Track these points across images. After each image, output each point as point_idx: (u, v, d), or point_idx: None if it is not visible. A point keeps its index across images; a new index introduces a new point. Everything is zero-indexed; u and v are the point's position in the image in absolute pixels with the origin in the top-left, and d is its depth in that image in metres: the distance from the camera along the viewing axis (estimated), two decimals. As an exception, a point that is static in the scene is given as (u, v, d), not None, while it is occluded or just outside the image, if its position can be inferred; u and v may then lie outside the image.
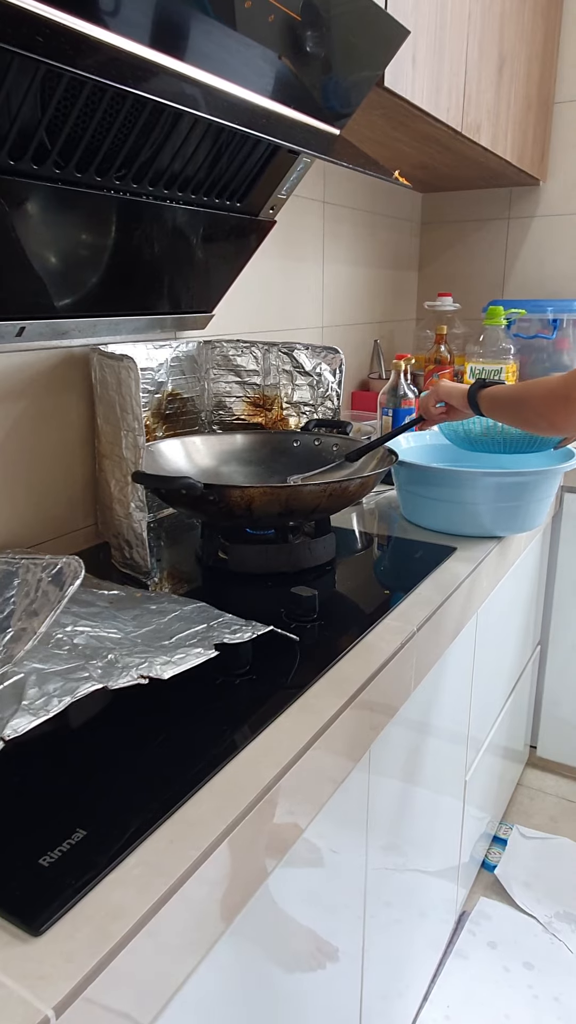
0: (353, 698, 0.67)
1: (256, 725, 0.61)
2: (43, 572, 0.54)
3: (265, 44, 0.79)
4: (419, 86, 1.17)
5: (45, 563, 0.54)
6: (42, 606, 0.51)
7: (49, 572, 0.53)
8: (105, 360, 0.95)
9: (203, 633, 0.66)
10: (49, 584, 0.52)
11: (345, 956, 0.84)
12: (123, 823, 0.50)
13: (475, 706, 1.23)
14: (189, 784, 0.53)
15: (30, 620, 0.51)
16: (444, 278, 2.15)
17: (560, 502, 1.58)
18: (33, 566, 0.54)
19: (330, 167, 1.61)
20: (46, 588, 0.52)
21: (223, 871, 0.50)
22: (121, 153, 0.82)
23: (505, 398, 0.95)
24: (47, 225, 0.82)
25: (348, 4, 0.86)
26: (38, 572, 0.54)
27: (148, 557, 0.93)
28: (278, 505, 0.86)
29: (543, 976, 1.26)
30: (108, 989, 0.40)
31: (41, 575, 0.53)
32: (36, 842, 0.47)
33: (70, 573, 0.52)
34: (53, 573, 0.53)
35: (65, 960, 0.40)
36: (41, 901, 0.43)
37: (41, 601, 0.52)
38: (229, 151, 0.96)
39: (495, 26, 1.43)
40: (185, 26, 0.69)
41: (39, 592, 0.52)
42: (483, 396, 0.97)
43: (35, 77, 0.66)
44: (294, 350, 1.23)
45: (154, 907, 0.44)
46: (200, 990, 0.56)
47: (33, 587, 0.53)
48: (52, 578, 0.53)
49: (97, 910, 0.43)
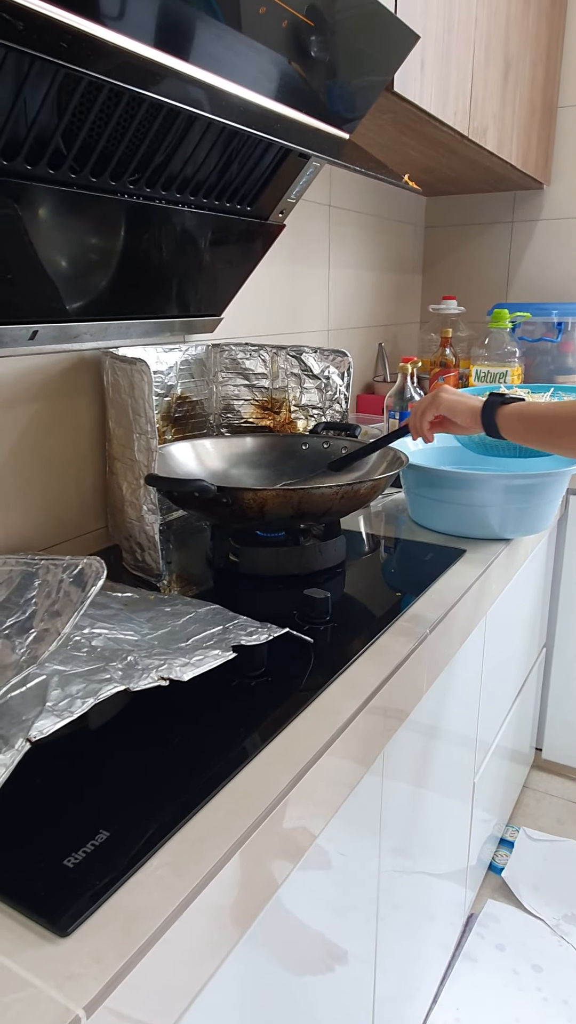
0: (368, 700, 0.67)
1: (272, 728, 0.61)
2: (64, 573, 0.54)
3: (277, 49, 0.80)
4: (427, 91, 1.18)
5: (65, 564, 0.55)
6: (64, 607, 0.51)
7: (70, 573, 0.53)
8: (117, 363, 0.95)
9: (219, 635, 0.66)
10: (71, 585, 0.53)
11: (357, 960, 0.84)
12: (144, 825, 0.50)
13: (483, 709, 1.23)
14: (208, 787, 0.54)
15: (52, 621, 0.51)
16: (448, 281, 2.15)
17: (566, 505, 1.58)
18: (53, 567, 0.55)
19: (336, 171, 1.61)
20: (68, 589, 0.52)
21: (243, 873, 0.50)
22: (135, 158, 0.83)
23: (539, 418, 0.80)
24: (60, 229, 0.82)
25: (359, 8, 0.87)
26: (59, 573, 0.54)
27: (160, 560, 0.93)
28: (290, 508, 0.86)
29: (552, 978, 1.26)
30: (136, 988, 0.41)
31: (62, 576, 0.54)
32: (60, 843, 0.48)
33: (91, 574, 0.52)
34: (74, 574, 0.53)
35: (94, 960, 0.40)
36: (67, 902, 0.43)
37: (63, 602, 0.52)
38: (240, 155, 0.96)
39: (500, 31, 1.43)
40: (199, 31, 0.70)
41: (61, 593, 0.53)
42: (507, 415, 0.83)
43: (53, 83, 0.67)
44: (302, 353, 1.24)
45: (178, 909, 0.44)
46: (216, 997, 0.56)
47: (54, 588, 0.53)
48: (73, 579, 0.53)
49: (122, 911, 0.43)
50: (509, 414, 0.83)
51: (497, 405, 0.84)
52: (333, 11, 0.83)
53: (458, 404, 0.87)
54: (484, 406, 0.85)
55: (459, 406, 0.87)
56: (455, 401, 0.88)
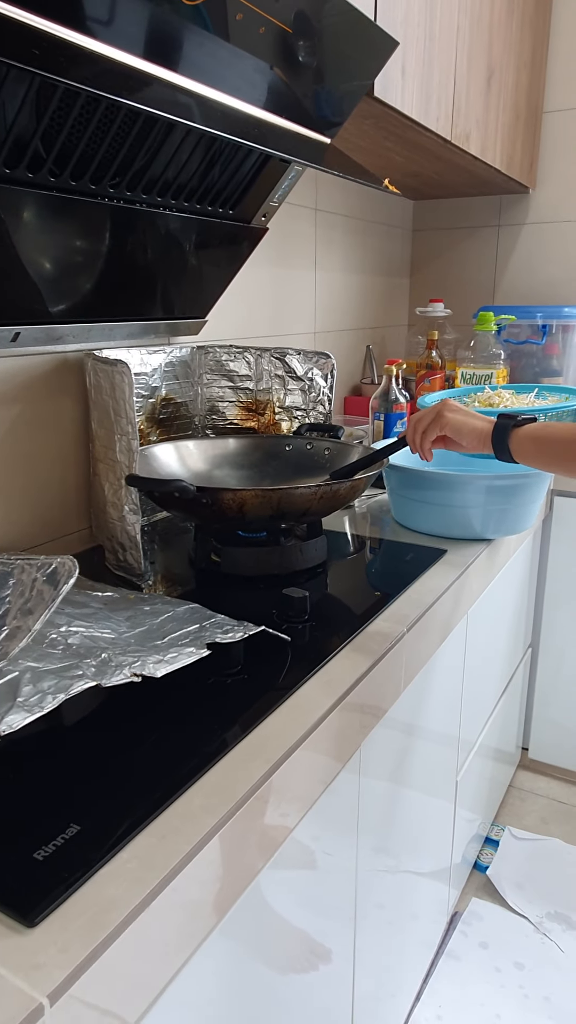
0: (343, 697, 0.68)
1: (247, 724, 0.62)
2: (38, 572, 0.55)
3: (256, 55, 0.81)
4: (409, 96, 1.19)
5: (40, 563, 0.55)
6: (36, 605, 0.52)
7: (44, 572, 0.54)
8: (99, 365, 0.96)
9: (195, 633, 0.67)
10: (44, 584, 0.53)
11: (337, 957, 0.85)
12: (116, 819, 0.50)
13: (466, 708, 1.24)
14: (180, 781, 0.54)
15: (24, 619, 0.52)
16: (435, 284, 2.17)
17: (550, 505, 1.59)
18: (28, 566, 0.56)
19: (322, 175, 1.62)
20: (41, 587, 0.53)
21: (214, 866, 0.51)
22: (115, 162, 0.84)
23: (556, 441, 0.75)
24: (42, 232, 0.83)
25: (338, 16, 0.88)
26: (33, 572, 0.55)
27: (142, 560, 0.94)
28: (270, 508, 0.87)
29: (534, 976, 1.27)
30: (102, 978, 0.41)
31: (36, 575, 0.54)
32: (31, 837, 0.48)
33: (64, 572, 0.53)
34: (48, 573, 0.54)
35: (59, 950, 0.41)
36: (36, 893, 0.44)
37: (36, 600, 0.53)
38: (222, 160, 0.97)
39: (483, 38, 1.45)
40: (177, 38, 0.71)
41: (34, 591, 0.53)
42: (521, 439, 0.77)
43: (30, 88, 0.68)
44: (286, 355, 1.24)
45: (146, 899, 0.45)
46: (192, 991, 0.57)
47: (28, 587, 0.54)
48: (47, 577, 0.54)
49: (91, 903, 0.44)
50: (523, 438, 0.78)
51: (510, 429, 0.78)
52: (312, 18, 0.84)
53: (464, 426, 0.82)
54: (495, 429, 0.79)
55: (465, 428, 0.82)
56: (461, 423, 0.82)
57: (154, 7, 0.64)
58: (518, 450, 0.78)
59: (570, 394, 1.13)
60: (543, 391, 1.19)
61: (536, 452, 0.77)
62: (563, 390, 1.16)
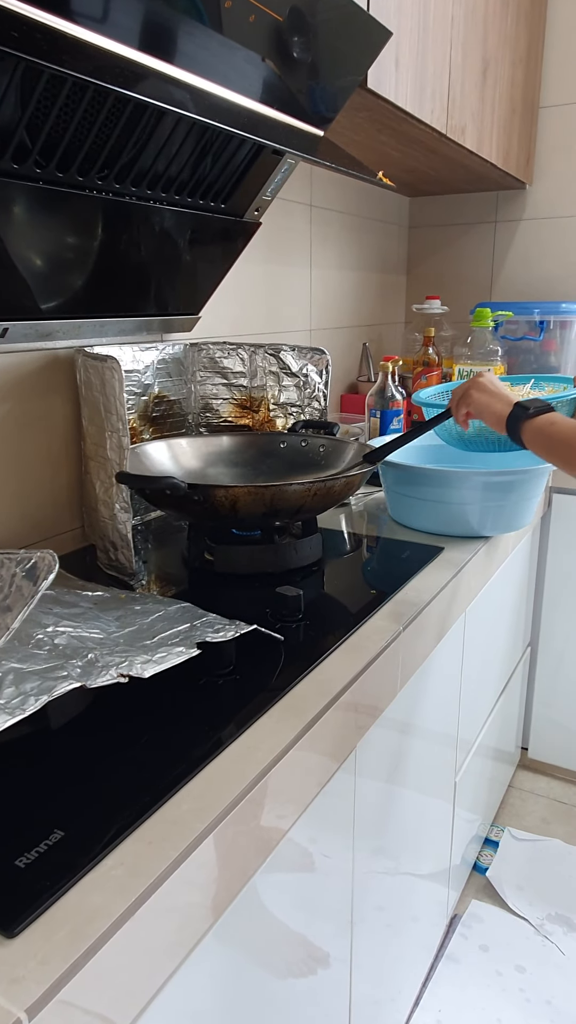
0: (337, 697, 0.66)
1: (239, 725, 0.60)
2: (17, 567, 0.53)
3: (247, 45, 0.79)
4: (403, 88, 1.18)
5: (19, 558, 0.54)
6: (15, 601, 0.51)
7: (23, 567, 0.53)
8: (89, 361, 0.94)
9: (186, 632, 0.65)
10: (23, 579, 0.52)
11: (334, 961, 0.83)
12: (102, 824, 0.49)
13: (464, 708, 1.23)
14: (170, 784, 0.53)
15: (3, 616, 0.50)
16: (432, 281, 2.16)
17: (548, 503, 1.58)
18: (8, 561, 0.54)
19: (317, 171, 1.61)
20: (20, 583, 0.52)
21: (204, 872, 0.50)
22: (103, 152, 0.82)
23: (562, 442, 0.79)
24: (30, 225, 0.82)
25: (330, 5, 0.86)
26: (12, 567, 0.53)
27: (133, 558, 0.92)
28: (263, 505, 0.85)
29: (535, 979, 1.25)
30: (83, 991, 0.40)
31: (15, 570, 0.53)
32: (12, 843, 0.47)
33: (44, 567, 0.51)
34: (27, 568, 0.52)
35: (39, 963, 0.39)
36: (16, 903, 0.42)
37: (15, 596, 0.51)
38: (213, 151, 0.96)
39: (478, 30, 1.44)
40: (167, 26, 0.69)
41: (13, 587, 0.52)
42: (532, 432, 0.82)
43: (15, 74, 0.66)
44: (280, 352, 1.23)
45: (131, 908, 0.43)
46: (188, 996, 0.55)
47: (7, 582, 0.53)
48: (26, 573, 0.52)
49: (74, 912, 0.42)
50: (534, 431, 0.82)
51: (523, 419, 0.83)
52: (303, 7, 0.83)
53: (485, 409, 0.88)
54: (510, 417, 0.84)
55: (486, 410, 0.88)
56: (484, 404, 0.88)
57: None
58: (529, 440, 0.83)
59: (567, 383, 1.11)
60: (539, 380, 1.17)
61: (543, 448, 0.82)
62: (559, 379, 1.14)
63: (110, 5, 0.61)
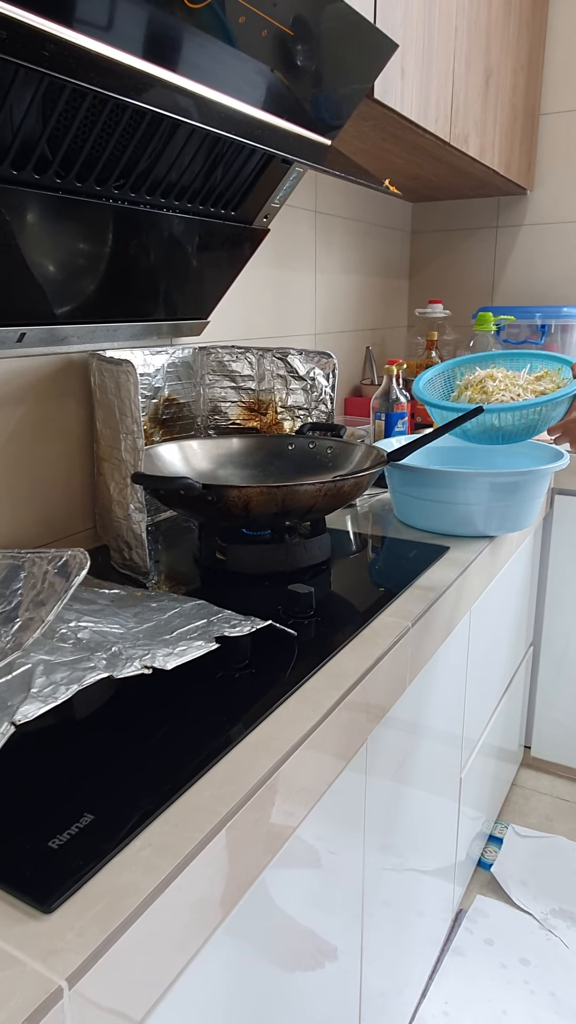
0: (350, 691, 0.69)
1: (255, 717, 0.62)
2: (49, 565, 0.55)
3: (258, 58, 0.82)
4: (408, 98, 1.20)
5: (51, 556, 0.56)
6: (48, 597, 0.53)
7: (55, 564, 0.55)
8: (104, 365, 0.97)
9: (203, 627, 0.67)
10: (55, 576, 0.54)
11: (344, 955, 0.85)
12: (128, 808, 0.51)
13: (469, 706, 1.25)
14: (191, 772, 0.55)
15: (37, 610, 0.52)
16: (434, 285, 2.18)
17: (551, 504, 1.60)
18: (39, 559, 0.56)
19: (322, 178, 1.64)
20: (52, 580, 0.54)
21: (224, 856, 0.52)
22: (120, 163, 0.84)
23: None
24: (48, 233, 0.84)
25: (338, 18, 0.89)
26: (44, 565, 0.55)
27: (147, 558, 0.94)
28: (275, 505, 0.88)
29: (539, 972, 1.27)
30: (118, 963, 0.42)
31: (47, 567, 0.55)
32: (45, 826, 0.49)
33: (75, 564, 0.54)
34: (59, 565, 0.54)
35: (77, 935, 0.41)
36: (52, 881, 0.44)
37: (48, 592, 0.53)
38: (224, 161, 0.98)
39: (481, 40, 1.46)
40: (181, 40, 0.72)
41: (45, 584, 0.54)
42: None
43: (38, 90, 0.69)
44: (288, 355, 1.25)
45: (160, 886, 0.45)
46: (200, 989, 0.57)
47: (40, 579, 0.55)
48: (58, 570, 0.54)
49: (106, 889, 0.45)
50: None
51: None
52: (312, 21, 0.85)
53: None
54: None
55: None
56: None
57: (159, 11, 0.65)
58: None
59: (562, 364, 1.12)
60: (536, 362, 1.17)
61: None
62: (556, 359, 1.14)
63: (137, 25, 0.63)
